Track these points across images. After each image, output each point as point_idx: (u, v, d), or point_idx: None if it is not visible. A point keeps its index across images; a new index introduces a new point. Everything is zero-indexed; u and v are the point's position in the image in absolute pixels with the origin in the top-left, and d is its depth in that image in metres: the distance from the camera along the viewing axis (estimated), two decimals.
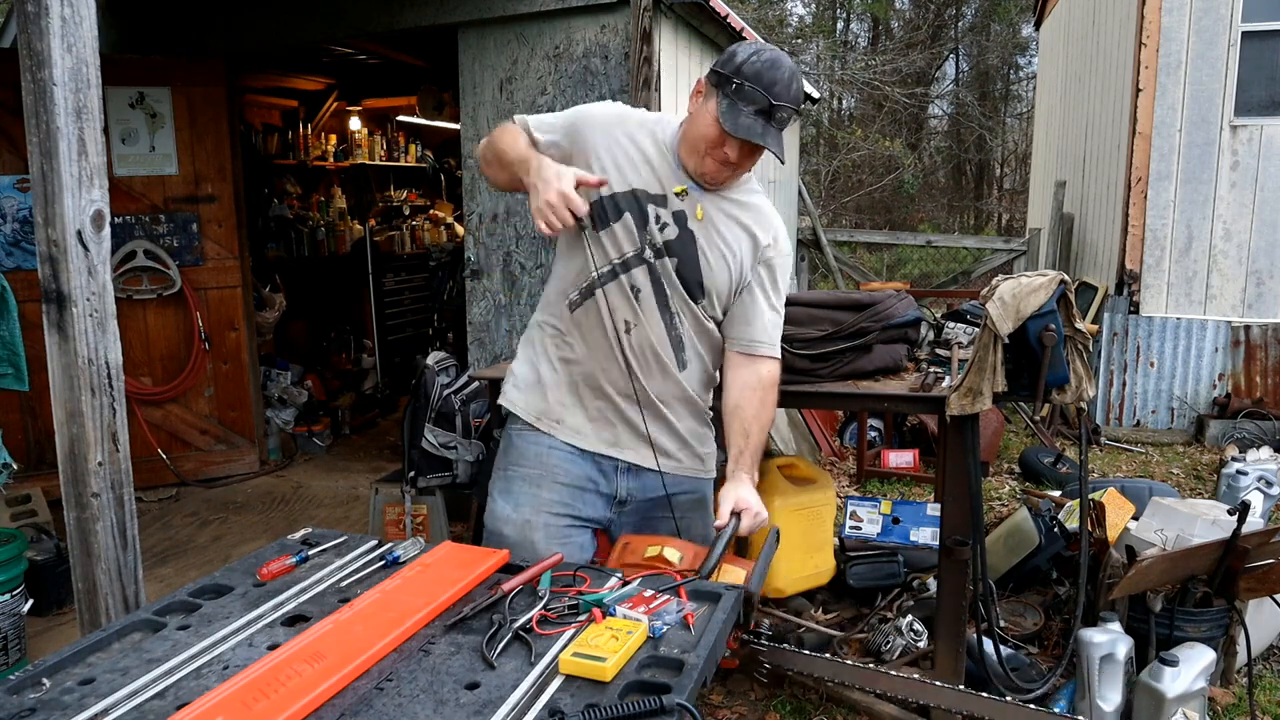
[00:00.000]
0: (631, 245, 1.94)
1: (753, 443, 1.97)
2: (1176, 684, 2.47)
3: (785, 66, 1.83)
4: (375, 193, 8.20)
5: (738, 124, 1.80)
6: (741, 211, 1.99)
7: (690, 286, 1.97)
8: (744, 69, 1.80)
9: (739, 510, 1.86)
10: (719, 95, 1.83)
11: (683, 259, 1.95)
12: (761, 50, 1.84)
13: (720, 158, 1.87)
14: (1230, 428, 5.69)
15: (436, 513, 3.82)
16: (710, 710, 2.77)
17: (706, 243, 1.95)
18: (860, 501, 3.71)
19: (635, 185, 1.94)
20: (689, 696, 1.17)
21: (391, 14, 4.44)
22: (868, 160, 16.23)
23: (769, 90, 1.79)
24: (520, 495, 2.05)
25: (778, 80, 1.81)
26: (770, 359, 2.03)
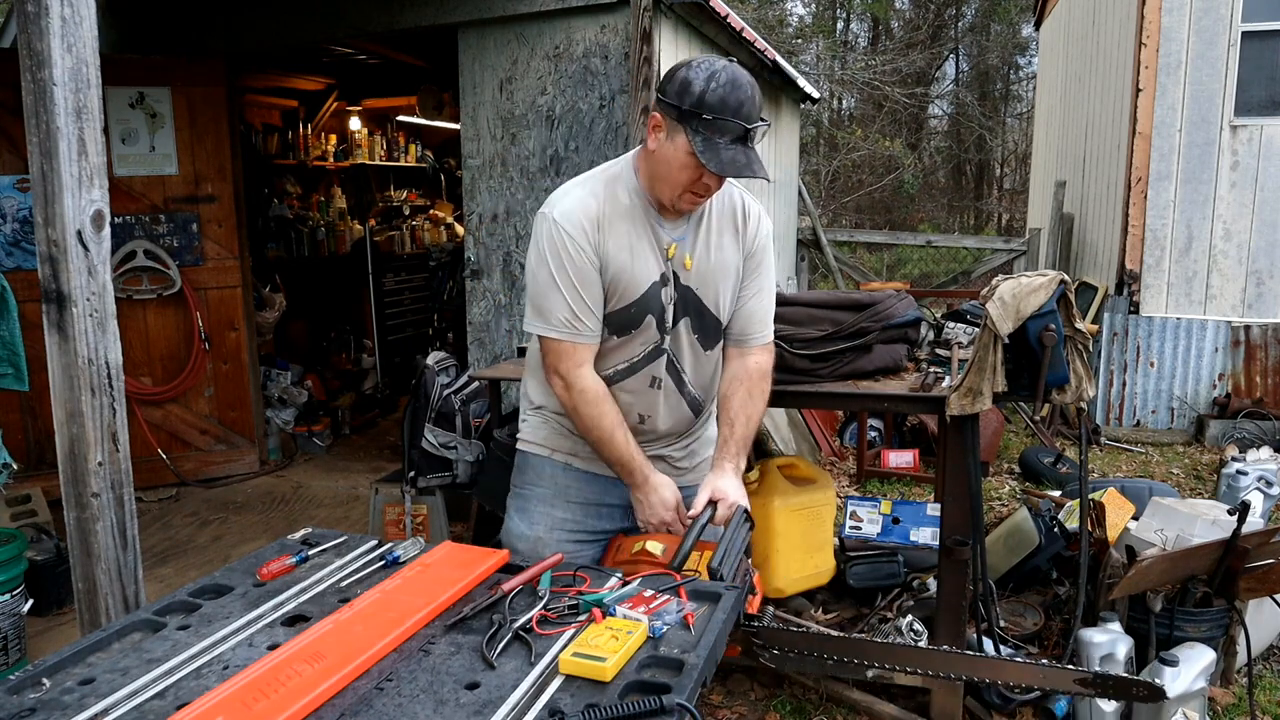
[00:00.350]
0: (653, 341, 1.94)
1: (738, 433, 1.97)
2: (1176, 684, 2.47)
3: (744, 82, 1.75)
4: (375, 193, 8.20)
5: (722, 162, 1.73)
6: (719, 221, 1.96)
7: (707, 331, 1.98)
8: (708, 100, 1.71)
9: (715, 500, 1.87)
10: (688, 131, 1.74)
11: (692, 314, 1.96)
12: (715, 73, 1.73)
13: (701, 191, 1.83)
14: (1230, 428, 5.69)
15: (436, 513, 3.82)
16: (710, 710, 2.77)
17: (702, 283, 1.95)
18: (860, 501, 3.70)
19: (645, 283, 1.89)
20: (689, 696, 1.17)
21: (391, 14, 4.44)
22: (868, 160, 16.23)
23: (738, 114, 1.72)
24: (535, 514, 2.09)
25: (743, 101, 1.73)
26: (761, 348, 2.04)
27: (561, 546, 2.03)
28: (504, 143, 4.32)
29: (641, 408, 1.99)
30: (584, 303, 1.85)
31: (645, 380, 1.97)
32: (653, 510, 1.92)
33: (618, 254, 1.86)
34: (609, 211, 1.87)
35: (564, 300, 1.84)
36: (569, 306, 1.85)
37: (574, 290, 1.84)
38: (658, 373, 1.97)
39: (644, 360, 1.96)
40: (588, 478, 2.07)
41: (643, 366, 1.96)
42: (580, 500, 2.07)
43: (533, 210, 4.30)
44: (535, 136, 4.24)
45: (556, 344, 1.88)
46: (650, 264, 1.89)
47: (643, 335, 1.93)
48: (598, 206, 1.86)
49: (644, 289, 1.89)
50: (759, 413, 2.03)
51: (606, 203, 1.87)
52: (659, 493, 1.92)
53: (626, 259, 1.87)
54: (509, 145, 4.31)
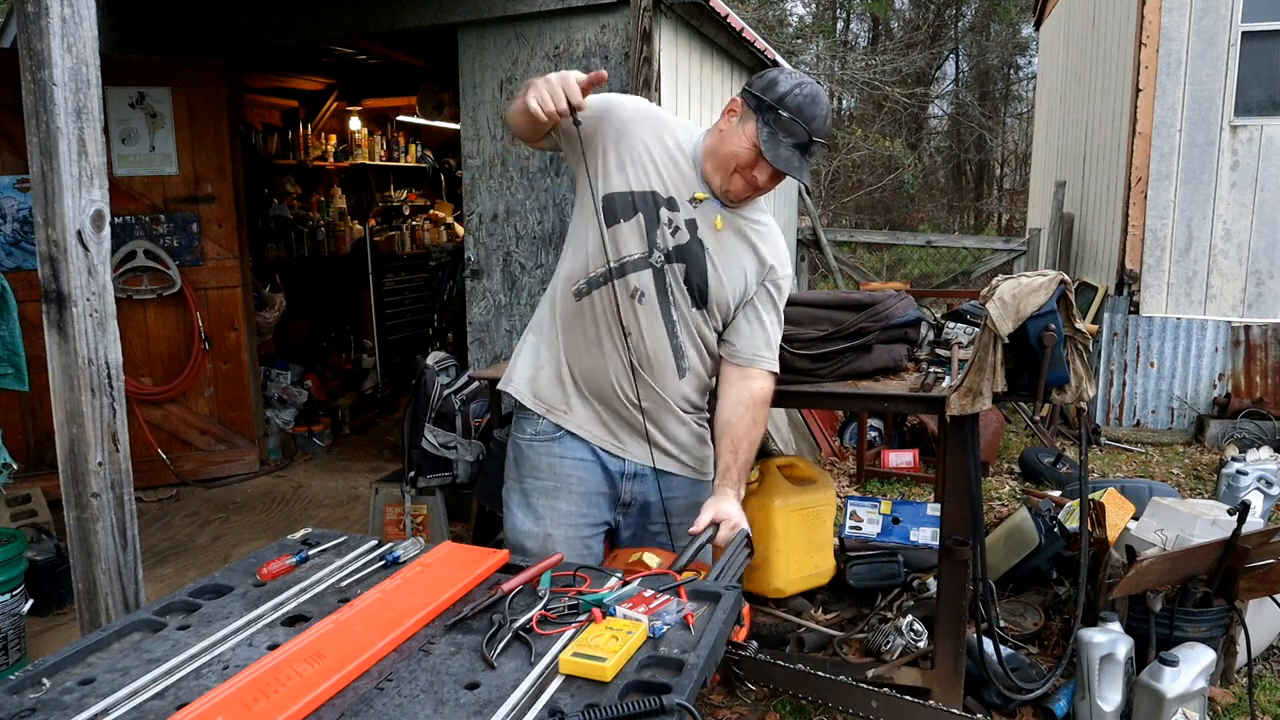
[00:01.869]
0: (640, 246, 1.95)
1: (740, 460, 2.00)
2: (1176, 684, 2.47)
3: (823, 103, 1.90)
4: (375, 193, 8.20)
5: (778, 154, 1.85)
6: (751, 231, 2.03)
7: (694, 293, 1.99)
8: (787, 100, 1.85)
9: (718, 520, 1.87)
10: (759, 121, 1.86)
11: (690, 265, 1.96)
12: (804, 83, 1.89)
13: (750, 179, 1.91)
14: (1230, 428, 5.69)
15: (436, 513, 3.82)
16: (710, 710, 2.76)
17: (716, 253, 1.98)
18: (860, 501, 3.71)
19: (651, 186, 1.96)
20: (689, 696, 1.17)
21: (391, 14, 4.44)
22: (868, 160, 16.22)
23: (809, 125, 1.86)
24: (539, 508, 2.08)
25: (817, 116, 1.87)
26: (765, 374, 2.06)
27: (569, 542, 2.03)
28: (504, 143, 4.32)
29: (625, 317, 1.96)
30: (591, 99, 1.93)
31: (627, 289, 1.95)
32: (549, 80, 1.80)
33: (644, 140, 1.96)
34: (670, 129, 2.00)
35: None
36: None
37: (603, 100, 2.00)
38: (641, 285, 1.95)
39: (630, 265, 1.95)
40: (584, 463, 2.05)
41: (630, 271, 1.95)
42: (581, 490, 2.07)
43: (533, 210, 4.30)
44: None
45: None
46: (668, 180, 1.96)
47: (629, 234, 1.93)
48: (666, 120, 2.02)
49: (645, 188, 1.94)
50: (759, 439, 2.07)
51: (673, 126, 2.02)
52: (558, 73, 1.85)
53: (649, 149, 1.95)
54: (509, 145, 4.31)
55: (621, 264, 1.95)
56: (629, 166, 1.94)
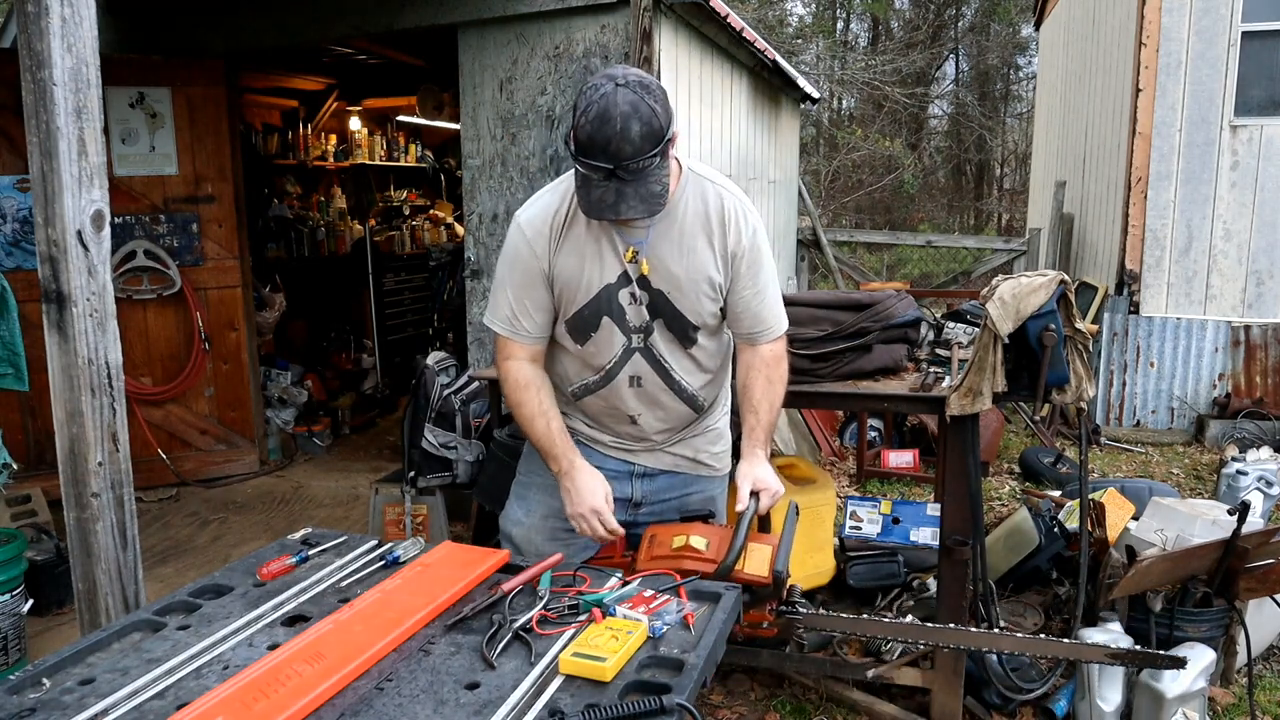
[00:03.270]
0: (621, 343, 1.96)
1: (763, 420, 2.01)
2: (1176, 684, 2.47)
3: (614, 115, 1.65)
4: (375, 193, 8.20)
5: (590, 204, 1.72)
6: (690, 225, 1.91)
7: (683, 332, 1.98)
8: (578, 137, 1.68)
9: (757, 490, 1.90)
10: (575, 168, 1.74)
11: (665, 315, 1.95)
12: (590, 104, 1.67)
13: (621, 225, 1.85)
14: (1230, 428, 5.69)
15: (436, 513, 3.82)
16: (710, 710, 2.77)
17: (671, 284, 1.92)
18: (860, 501, 3.70)
19: (597, 286, 1.91)
20: (689, 696, 1.17)
21: (391, 14, 4.44)
22: (868, 160, 16.22)
23: (606, 152, 1.65)
24: (533, 501, 2.12)
25: (611, 137, 1.64)
26: (772, 341, 2.05)
27: (553, 535, 2.07)
28: (504, 143, 4.32)
29: (630, 408, 2.02)
30: (524, 305, 1.95)
31: (625, 382, 1.99)
32: (579, 497, 1.90)
33: (568, 260, 1.91)
34: (568, 217, 1.91)
35: (508, 298, 1.96)
36: (510, 305, 1.96)
37: (518, 290, 1.95)
38: (636, 372, 1.98)
39: (618, 363, 1.97)
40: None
41: (619, 370, 1.98)
42: None
43: None
44: (535, 136, 4.24)
45: (498, 337, 2.02)
46: (605, 267, 1.90)
47: (606, 338, 1.95)
48: (562, 210, 1.91)
49: (595, 292, 1.92)
50: (780, 398, 2.05)
51: (568, 207, 1.90)
52: (585, 479, 1.91)
53: (576, 265, 1.91)
54: (509, 145, 4.31)
55: (608, 371, 1.98)
56: (569, 288, 1.92)
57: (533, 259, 1.91)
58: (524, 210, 1.97)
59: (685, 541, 1.76)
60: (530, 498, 2.13)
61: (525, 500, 2.14)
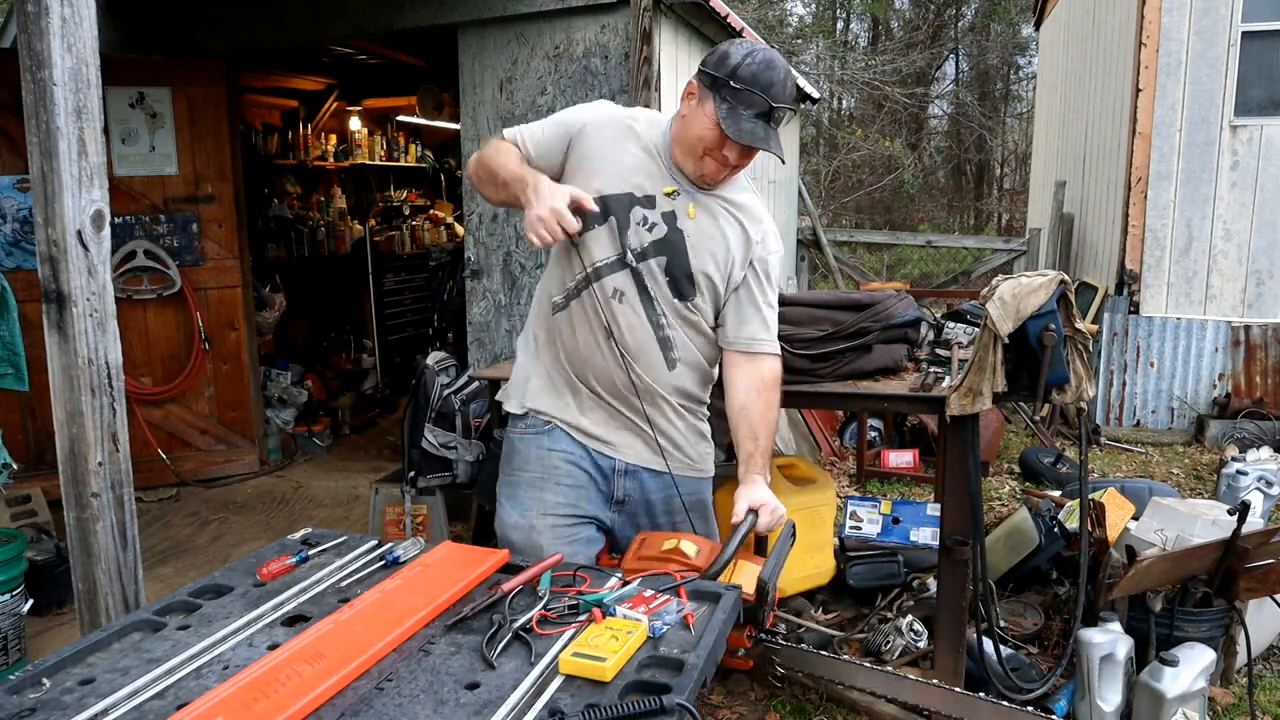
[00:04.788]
0: (612, 249, 1.95)
1: (762, 445, 1.98)
2: (1176, 684, 2.47)
3: (780, 67, 1.83)
4: (375, 193, 8.20)
5: (740, 129, 1.81)
6: (733, 209, 2.01)
7: (680, 283, 1.98)
8: (740, 72, 1.79)
9: (756, 507, 1.86)
10: (715, 99, 1.82)
11: (671, 256, 1.96)
12: (754, 51, 1.83)
13: (720, 160, 1.88)
14: (1230, 428, 5.69)
15: (436, 513, 3.82)
16: (710, 710, 2.76)
17: (698, 239, 1.97)
18: (860, 501, 3.70)
19: (623, 189, 1.95)
20: (689, 696, 1.17)
21: (391, 14, 4.44)
22: (868, 160, 16.22)
23: (767, 92, 1.80)
24: (525, 500, 2.08)
25: (774, 82, 1.81)
26: (770, 355, 2.05)
27: (554, 531, 2.03)
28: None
29: (607, 318, 1.97)
30: (539, 130, 1.99)
31: (608, 290, 1.96)
32: (540, 199, 1.82)
33: (609, 146, 1.96)
34: (632, 131, 1.98)
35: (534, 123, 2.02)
36: (531, 126, 2.01)
37: (547, 124, 2.01)
38: (621, 285, 1.96)
39: (608, 268, 1.95)
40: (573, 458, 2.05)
41: (606, 274, 1.95)
42: (569, 483, 2.06)
43: None
44: None
45: (498, 139, 2.02)
46: (638, 180, 1.95)
47: (601, 239, 1.94)
48: (629, 118, 2.00)
49: (614, 190, 1.93)
50: (776, 421, 2.05)
51: (638, 126, 1.99)
52: (549, 184, 1.86)
53: (614, 154, 1.95)
54: None
55: (596, 269, 1.96)
56: (595, 175, 1.94)
57: (578, 117, 1.98)
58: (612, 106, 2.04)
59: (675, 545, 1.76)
60: (521, 497, 2.08)
61: (517, 500, 2.09)
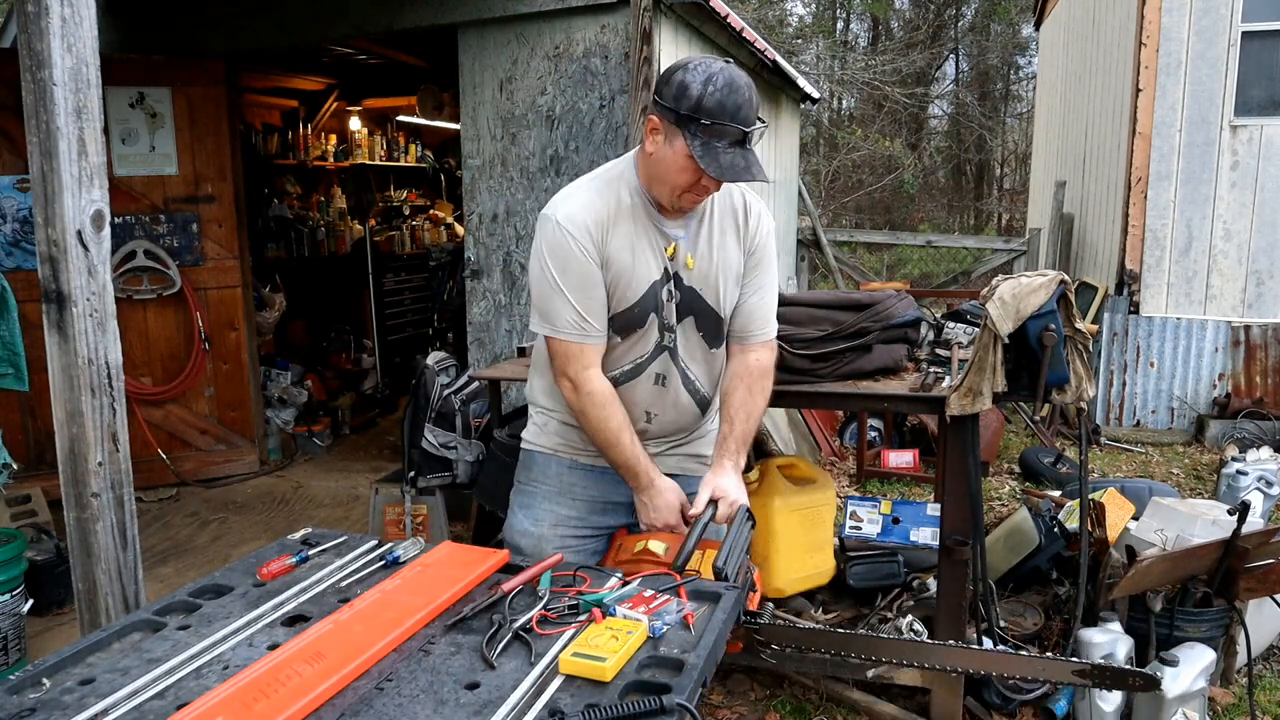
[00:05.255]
0: (656, 340, 1.95)
1: (737, 430, 1.98)
2: (1176, 684, 2.47)
3: (742, 84, 1.73)
4: (375, 193, 8.20)
5: (720, 166, 1.72)
6: (721, 220, 1.97)
7: (709, 329, 1.99)
8: (706, 104, 1.69)
9: (716, 499, 1.88)
10: (686, 135, 1.73)
11: (696, 312, 1.96)
12: (712, 75, 1.71)
13: (701, 193, 1.83)
14: (1230, 428, 5.69)
15: (436, 513, 3.82)
16: (710, 710, 2.76)
17: (704, 282, 1.96)
18: (860, 501, 3.70)
19: (646, 282, 1.90)
20: (689, 696, 1.17)
21: (391, 14, 4.44)
22: (868, 160, 16.22)
23: (736, 118, 1.71)
24: (540, 511, 2.10)
25: (741, 104, 1.71)
26: (761, 345, 2.05)
27: (565, 543, 2.05)
28: (504, 143, 4.32)
29: (647, 405, 2.00)
30: (590, 304, 1.86)
31: (651, 379, 1.98)
32: (657, 513, 1.92)
33: (620, 254, 1.87)
34: (612, 212, 1.87)
35: (569, 303, 1.85)
36: (575, 309, 1.85)
37: (579, 293, 1.84)
38: (663, 370, 1.98)
39: (649, 359, 1.96)
40: (594, 475, 2.07)
41: (648, 366, 1.97)
42: (585, 497, 2.08)
43: (533, 210, 4.30)
44: (535, 136, 4.24)
45: (564, 346, 1.88)
46: (651, 263, 1.90)
47: (646, 335, 1.94)
48: (602, 207, 1.86)
49: (645, 289, 1.90)
50: (759, 410, 2.02)
51: (610, 203, 1.87)
52: (664, 496, 1.92)
53: (628, 259, 1.87)
54: (509, 145, 4.31)
55: (638, 365, 1.97)
56: (619, 285, 1.88)
57: (586, 254, 1.84)
58: (559, 208, 1.86)
59: (644, 546, 1.81)
60: (537, 507, 2.10)
61: (531, 510, 2.10)
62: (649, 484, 1.91)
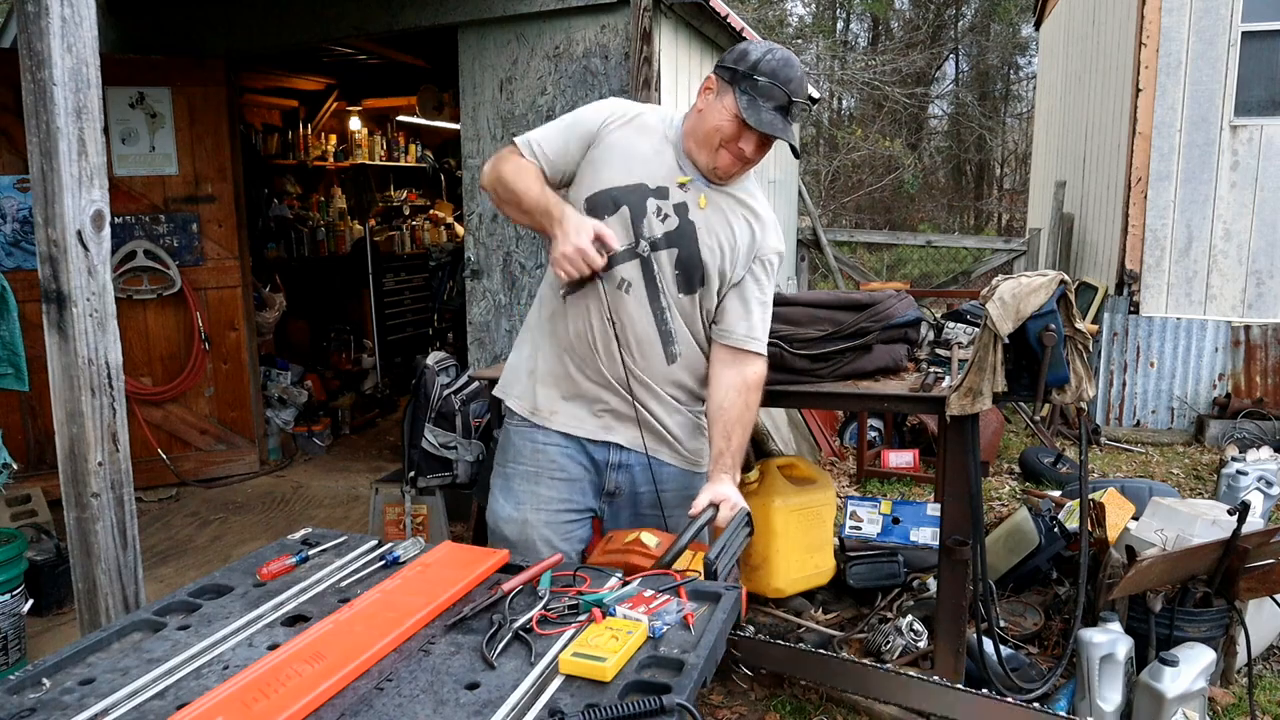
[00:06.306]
0: (625, 239, 1.97)
1: (734, 444, 1.99)
2: (1176, 684, 2.47)
3: (797, 65, 1.92)
4: (375, 193, 8.20)
5: (761, 119, 1.87)
6: (742, 207, 2.04)
7: (689, 275, 2.00)
8: (761, 66, 1.88)
9: (717, 502, 1.87)
10: (736, 91, 1.89)
11: (682, 248, 1.98)
12: (774, 49, 1.92)
13: (736, 152, 1.93)
14: (1230, 428, 5.69)
15: (436, 513, 3.82)
16: (710, 710, 2.76)
17: (706, 231, 1.99)
18: (860, 501, 3.70)
19: (636, 179, 1.98)
20: (689, 696, 1.17)
21: (391, 14, 4.44)
22: (868, 160, 16.22)
23: (786, 86, 1.88)
24: (520, 494, 2.09)
25: (792, 78, 1.90)
26: (758, 356, 2.06)
27: (549, 526, 2.05)
28: (504, 143, 4.30)
29: (612, 307, 1.97)
30: (553, 139, 2.02)
31: (615, 280, 1.97)
32: (566, 236, 1.85)
33: (624, 141, 2.00)
34: (645, 124, 2.03)
35: (544, 130, 2.05)
36: (542, 131, 2.04)
37: (555, 127, 2.04)
38: (629, 275, 1.97)
39: (616, 258, 1.94)
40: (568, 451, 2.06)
41: (615, 264, 1.95)
42: (563, 476, 2.08)
43: None
44: None
45: (510, 147, 2.04)
46: (651, 171, 1.98)
47: (617, 225, 1.95)
48: (641, 113, 2.05)
49: (629, 182, 1.97)
50: (753, 423, 2.08)
51: (649, 119, 2.05)
52: (575, 218, 1.88)
53: (629, 147, 1.99)
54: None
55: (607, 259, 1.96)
56: (608, 166, 1.98)
57: (592, 115, 2.02)
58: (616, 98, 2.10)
59: (636, 537, 1.80)
60: (515, 489, 2.10)
61: (511, 493, 2.10)
62: (561, 213, 1.89)
